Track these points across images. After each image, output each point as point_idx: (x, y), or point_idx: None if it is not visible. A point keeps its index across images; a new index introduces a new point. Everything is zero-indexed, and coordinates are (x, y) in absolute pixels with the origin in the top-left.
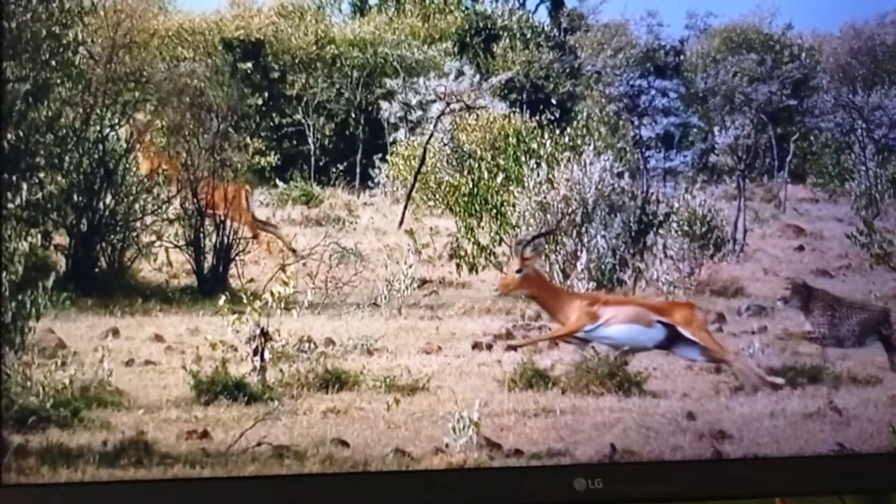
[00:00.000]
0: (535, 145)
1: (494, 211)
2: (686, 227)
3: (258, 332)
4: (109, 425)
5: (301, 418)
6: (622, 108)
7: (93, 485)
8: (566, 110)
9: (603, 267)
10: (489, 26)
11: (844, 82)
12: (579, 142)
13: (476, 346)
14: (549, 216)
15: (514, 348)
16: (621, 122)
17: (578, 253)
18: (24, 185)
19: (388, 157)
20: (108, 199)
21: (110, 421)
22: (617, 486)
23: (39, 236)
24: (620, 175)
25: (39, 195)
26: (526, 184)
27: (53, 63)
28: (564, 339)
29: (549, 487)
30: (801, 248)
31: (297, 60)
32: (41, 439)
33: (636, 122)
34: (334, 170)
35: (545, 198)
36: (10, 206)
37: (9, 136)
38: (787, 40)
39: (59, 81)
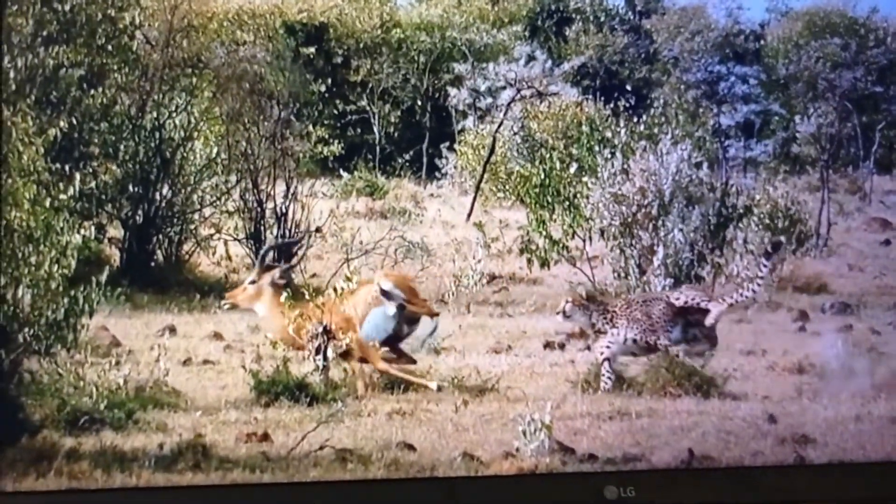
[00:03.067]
0: (609, 134)
1: (567, 203)
2: (767, 221)
3: (321, 329)
4: (166, 427)
5: (365, 420)
6: (700, 96)
7: (148, 490)
8: (642, 97)
9: (680, 262)
10: (561, 9)
11: None
12: (656, 130)
13: (548, 345)
14: (624, 208)
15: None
16: (700, 110)
17: (655, 247)
18: (78, 175)
19: (455, 146)
20: (165, 189)
21: (166, 423)
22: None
23: (93, 229)
24: (699, 165)
25: (93, 185)
26: (600, 174)
27: (109, 48)
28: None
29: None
30: (887, 242)
31: (361, 45)
32: (94, 442)
33: (715, 110)
34: (400, 159)
35: (620, 189)
36: (63, 197)
37: (62, 123)
38: (872, 24)
39: (114, 67)
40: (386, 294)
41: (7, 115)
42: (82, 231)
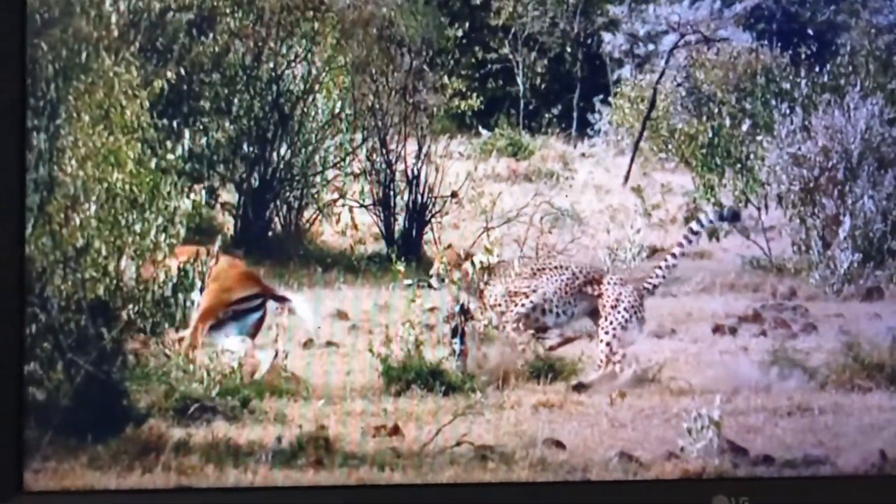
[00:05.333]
0: (787, 86)
1: (739, 165)
2: None
3: (458, 309)
4: (284, 418)
5: (508, 413)
6: (894, 42)
7: (265, 490)
8: (825, 43)
9: (871, 234)
10: None
11: None
12: (842, 82)
13: (717, 329)
14: (804, 171)
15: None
16: (894, 58)
17: (841, 217)
18: (187, 133)
19: (610, 99)
20: (283, 149)
21: (285, 413)
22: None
23: (204, 193)
24: (892, 122)
25: (204, 144)
26: (777, 132)
27: None
28: None
29: None
30: None
31: None
32: (205, 433)
33: None
34: (547, 115)
35: (800, 149)
36: (170, 157)
37: (169, 74)
38: None
39: (226, 10)
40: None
41: (108, 64)
42: (192, 195)
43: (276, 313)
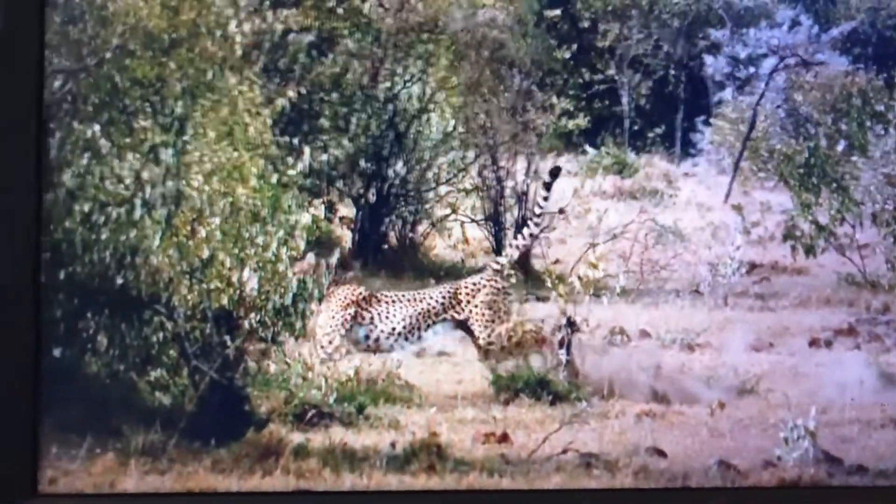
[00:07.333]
0: (881, 108)
1: (834, 184)
2: None
3: (564, 321)
4: (398, 424)
5: (612, 422)
6: None
7: (380, 494)
8: None
9: None
10: None
11: None
12: None
13: (813, 342)
14: None
15: None
16: None
17: None
18: (307, 150)
19: (712, 119)
20: (399, 165)
21: (399, 419)
22: None
23: (323, 207)
24: None
25: (323, 160)
26: (871, 153)
27: (340, 11)
28: None
29: None
30: None
31: (609, 7)
32: (323, 438)
33: None
34: (651, 134)
35: (893, 169)
36: (292, 172)
37: (290, 93)
38: None
39: (345, 32)
40: None
41: (233, 83)
42: (311, 210)
43: None
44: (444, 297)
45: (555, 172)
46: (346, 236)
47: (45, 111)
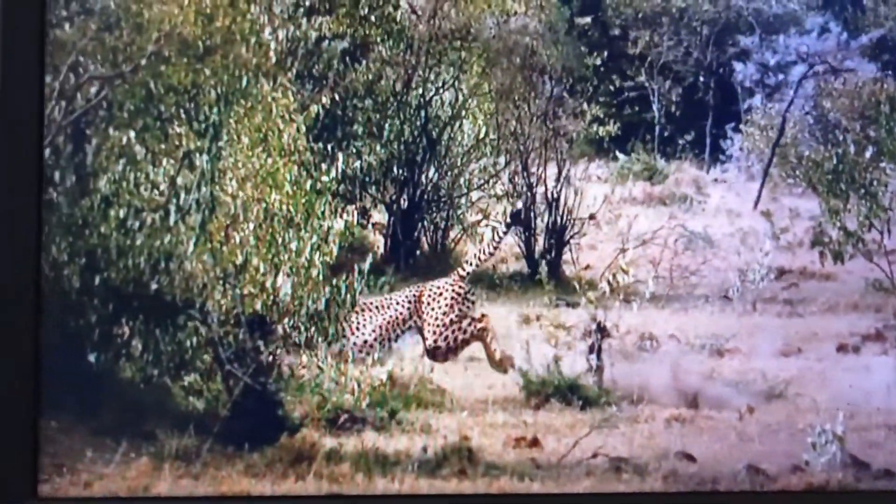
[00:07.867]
0: None
1: (863, 191)
2: None
3: (594, 326)
4: (430, 429)
5: (641, 426)
6: None
7: (413, 497)
8: None
9: None
10: None
11: None
12: None
13: (841, 348)
14: None
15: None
16: None
17: None
18: (341, 156)
19: (741, 126)
20: (431, 171)
21: (430, 424)
22: None
23: (356, 213)
24: None
25: (357, 167)
26: None
27: (373, 18)
28: None
29: None
30: None
31: (640, 14)
32: (355, 442)
33: None
34: (681, 140)
35: None
36: (325, 178)
37: (324, 99)
38: None
39: (378, 39)
40: None
41: (267, 90)
42: (345, 216)
43: None
44: (409, 302)
45: (515, 216)
46: (378, 242)
47: (82, 118)
